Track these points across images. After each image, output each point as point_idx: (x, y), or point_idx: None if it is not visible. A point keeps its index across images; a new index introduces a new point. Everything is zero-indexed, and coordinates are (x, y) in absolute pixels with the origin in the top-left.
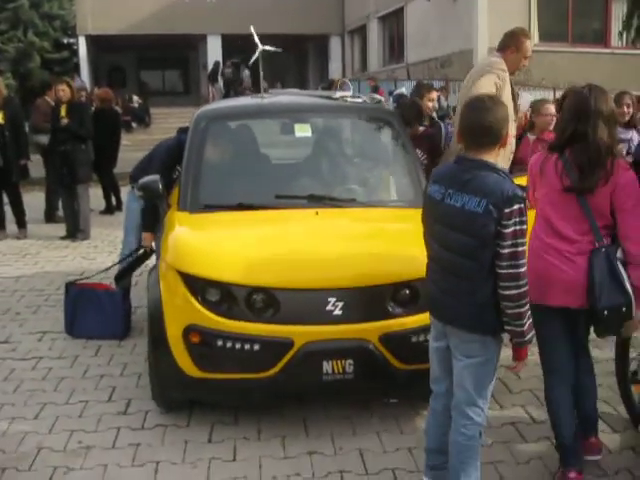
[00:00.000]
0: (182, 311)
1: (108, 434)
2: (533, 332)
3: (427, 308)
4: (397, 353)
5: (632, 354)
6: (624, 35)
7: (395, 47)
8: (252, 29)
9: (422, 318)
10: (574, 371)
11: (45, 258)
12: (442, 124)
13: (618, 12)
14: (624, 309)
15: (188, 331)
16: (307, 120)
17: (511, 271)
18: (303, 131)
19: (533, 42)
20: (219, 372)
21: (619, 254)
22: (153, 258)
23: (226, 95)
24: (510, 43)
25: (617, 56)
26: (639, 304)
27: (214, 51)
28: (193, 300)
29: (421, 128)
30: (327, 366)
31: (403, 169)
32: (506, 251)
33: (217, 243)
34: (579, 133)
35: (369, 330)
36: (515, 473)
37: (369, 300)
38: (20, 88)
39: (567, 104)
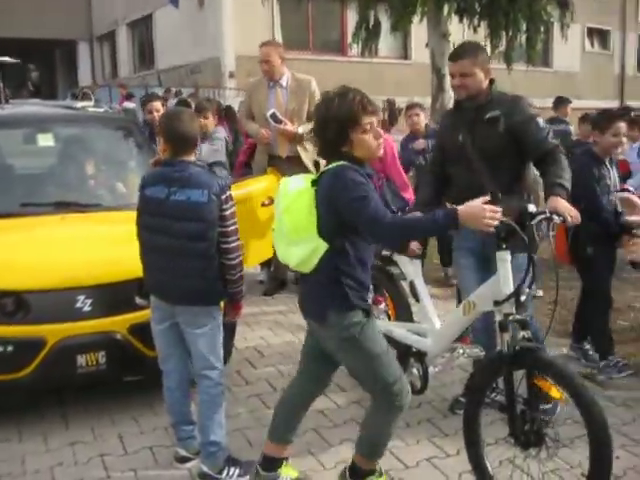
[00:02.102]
0: None
1: None
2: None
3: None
4: (146, 341)
5: None
6: (355, 46)
7: (145, 53)
8: None
9: None
10: None
11: None
12: None
13: (353, 24)
14: None
15: None
16: (50, 130)
17: (234, 244)
18: (46, 141)
19: None
20: None
21: None
22: None
23: None
24: None
25: (352, 64)
26: None
27: None
28: None
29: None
30: (81, 360)
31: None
32: (230, 229)
33: None
34: None
35: (118, 322)
36: (260, 435)
37: (116, 295)
38: None
39: None
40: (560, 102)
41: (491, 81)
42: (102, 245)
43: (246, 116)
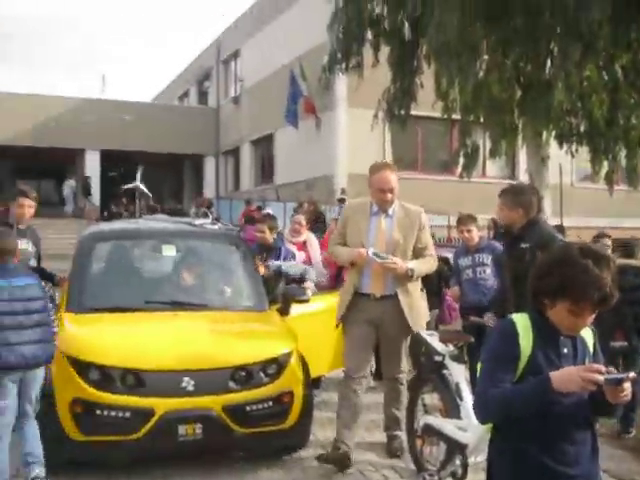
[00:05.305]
0: (69, 387)
1: None
2: None
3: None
4: (236, 419)
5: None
6: (459, 167)
7: (265, 169)
8: (138, 174)
9: (255, 393)
10: None
11: None
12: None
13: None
14: None
15: (74, 403)
16: (172, 242)
17: None
18: (169, 251)
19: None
20: (98, 435)
21: None
22: None
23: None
24: (368, 183)
25: (461, 183)
26: None
27: (92, 165)
28: (78, 378)
29: None
30: (182, 429)
31: (246, 282)
32: None
33: (98, 336)
34: None
35: (214, 401)
36: None
37: (214, 379)
38: None
39: None
40: None
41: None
42: (205, 338)
43: (336, 241)
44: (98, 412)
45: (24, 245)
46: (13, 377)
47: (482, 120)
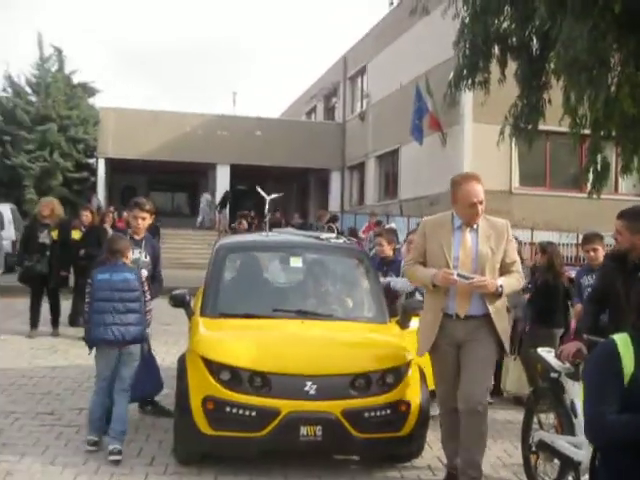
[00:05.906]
0: (202, 385)
1: (139, 478)
2: None
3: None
4: (354, 424)
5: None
6: (588, 184)
7: (390, 184)
8: (258, 189)
9: (373, 400)
10: None
11: (74, 355)
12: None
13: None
14: None
15: (206, 400)
16: (300, 254)
17: None
18: (296, 262)
19: (513, 185)
20: (226, 430)
21: None
22: None
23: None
24: (452, 197)
25: (590, 200)
26: None
27: (223, 179)
28: (211, 378)
29: None
30: (303, 430)
31: (369, 294)
32: None
33: (230, 339)
34: None
35: (334, 406)
36: None
37: (335, 384)
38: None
39: None
40: None
41: None
42: (329, 346)
43: (415, 260)
44: (227, 409)
45: (136, 255)
46: (112, 352)
47: (613, 135)
